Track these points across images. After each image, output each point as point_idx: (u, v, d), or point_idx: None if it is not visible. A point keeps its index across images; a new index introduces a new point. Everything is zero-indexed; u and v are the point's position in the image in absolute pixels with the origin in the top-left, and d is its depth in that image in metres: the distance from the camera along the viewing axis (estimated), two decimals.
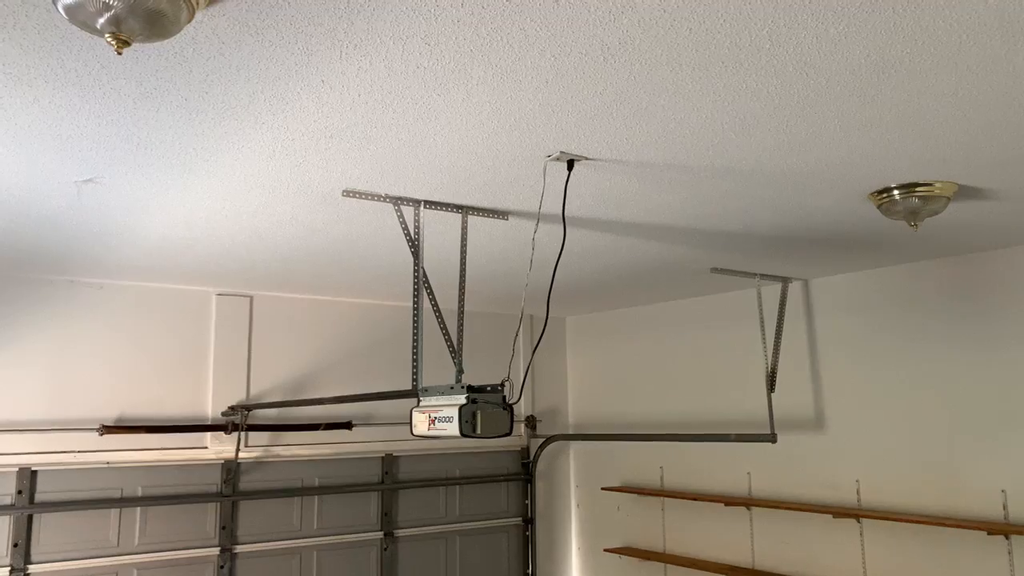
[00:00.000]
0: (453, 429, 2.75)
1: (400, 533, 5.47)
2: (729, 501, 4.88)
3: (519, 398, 2.86)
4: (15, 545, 4.23)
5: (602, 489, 5.90)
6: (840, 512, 4.28)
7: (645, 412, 5.67)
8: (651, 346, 5.74)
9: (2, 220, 3.23)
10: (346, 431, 5.30)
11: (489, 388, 2.81)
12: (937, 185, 2.76)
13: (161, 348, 4.77)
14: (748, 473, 4.93)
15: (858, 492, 4.35)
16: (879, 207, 2.91)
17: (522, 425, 6.13)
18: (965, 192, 2.86)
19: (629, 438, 5.45)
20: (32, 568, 4.26)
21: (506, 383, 2.80)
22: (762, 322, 4.47)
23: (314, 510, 5.19)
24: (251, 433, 4.95)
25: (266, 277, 4.58)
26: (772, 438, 4.25)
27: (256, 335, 5.09)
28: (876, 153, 2.48)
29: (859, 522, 4.29)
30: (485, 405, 2.74)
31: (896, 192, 2.80)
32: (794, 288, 4.72)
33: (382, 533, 5.39)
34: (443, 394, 2.86)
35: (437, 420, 2.83)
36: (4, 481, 4.27)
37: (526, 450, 6.14)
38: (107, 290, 4.63)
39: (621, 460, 5.86)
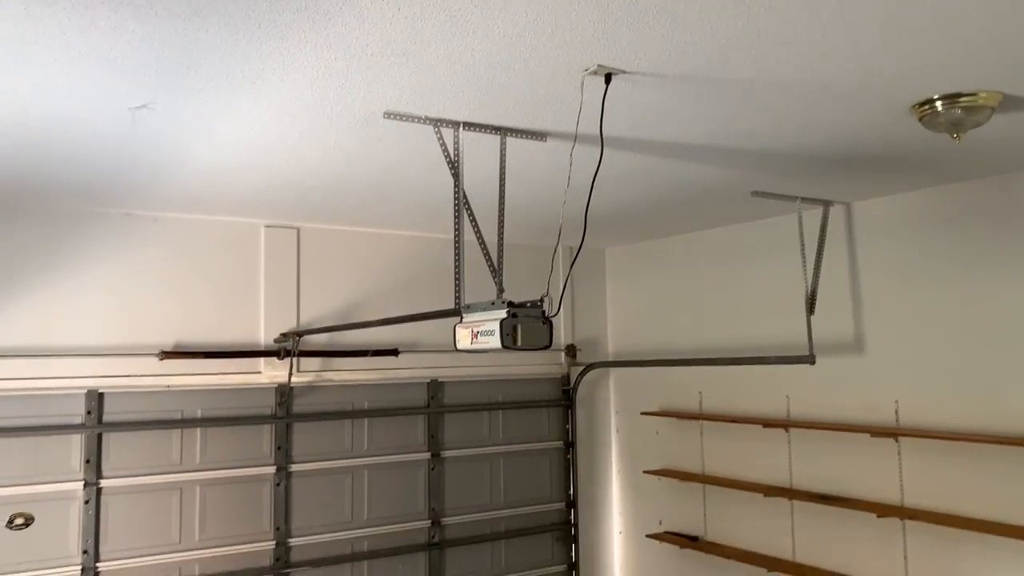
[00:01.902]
0: (495, 342, 2.85)
1: (446, 454, 5.68)
2: (767, 423, 4.96)
3: (558, 311, 2.94)
4: (87, 461, 4.52)
5: (641, 414, 6.02)
6: (878, 431, 4.33)
7: (684, 340, 5.74)
8: (690, 275, 5.77)
9: (62, 151, 3.37)
10: (393, 358, 5.48)
11: (529, 304, 2.91)
12: (981, 95, 2.72)
13: (214, 278, 4.96)
14: (786, 396, 4.99)
15: (896, 413, 4.39)
16: (921, 120, 2.88)
17: (562, 354, 6.25)
18: (1010, 103, 2.81)
19: (668, 363, 5.54)
20: (103, 482, 4.56)
21: (545, 298, 2.89)
22: (802, 246, 4.46)
23: (364, 432, 5.41)
24: (302, 359, 5.15)
25: (312, 208, 4.70)
26: (811, 359, 4.29)
27: (304, 266, 5.24)
28: (918, 62, 2.45)
29: (897, 441, 4.34)
30: (525, 319, 2.83)
31: (939, 103, 2.77)
32: (835, 212, 4.68)
33: (429, 454, 5.61)
34: (484, 310, 2.96)
35: (479, 334, 2.93)
36: (74, 402, 4.54)
37: (566, 377, 6.27)
38: (161, 223, 4.80)
39: (660, 386, 5.96)
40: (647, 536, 5.89)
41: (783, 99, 2.80)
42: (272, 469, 5.05)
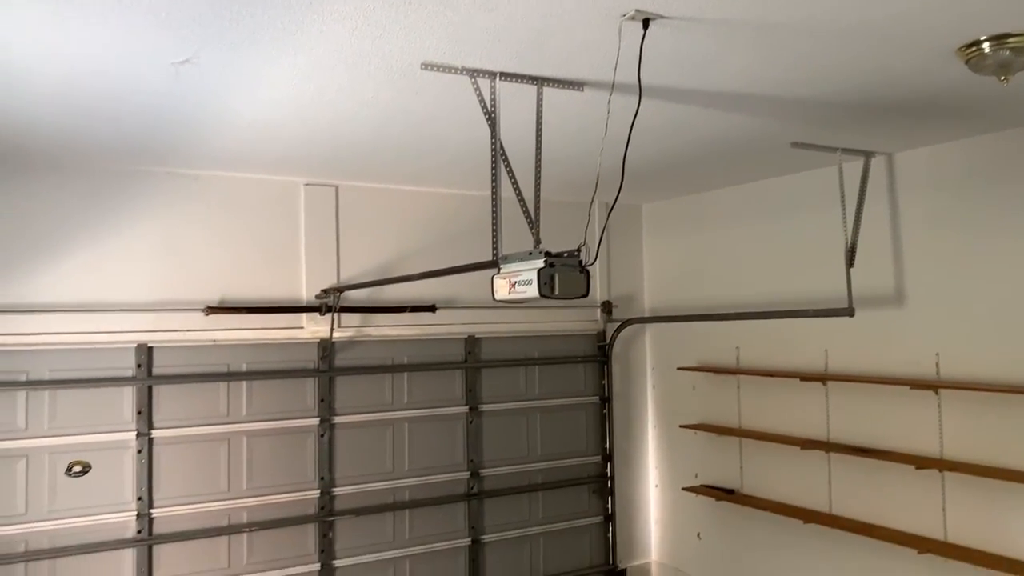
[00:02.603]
0: (532, 291, 2.89)
1: (484, 408, 5.77)
2: (805, 377, 4.96)
3: (595, 259, 2.95)
4: (139, 412, 4.69)
5: (678, 369, 6.05)
6: (918, 384, 4.31)
7: (721, 295, 5.72)
8: (727, 230, 5.74)
9: (107, 111, 3.45)
10: (430, 314, 5.55)
11: (566, 253, 2.93)
12: None
13: (256, 236, 5.05)
14: (825, 350, 4.96)
15: (937, 366, 4.35)
16: (967, 62, 2.81)
17: (598, 310, 6.28)
18: None
19: (705, 318, 5.54)
20: (155, 433, 4.73)
21: (583, 247, 2.91)
22: (843, 198, 4.41)
23: (404, 386, 5.52)
24: (343, 314, 5.24)
25: (350, 165, 4.75)
26: (850, 312, 4.27)
27: (343, 224, 5.32)
28: (965, 2, 2.40)
29: (937, 394, 4.31)
30: (562, 268, 2.86)
31: (986, 45, 2.71)
32: (877, 163, 4.61)
33: (467, 408, 5.71)
34: (522, 260, 2.99)
35: (517, 284, 2.97)
36: (125, 356, 4.69)
37: (602, 334, 6.30)
38: (203, 181, 4.90)
39: (696, 342, 5.96)
40: (683, 489, 5.95)
41: (824, 44, 2.75)
42: (316, 421, 5.18)
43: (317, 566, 5.11)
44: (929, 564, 4.32)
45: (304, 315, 5.16)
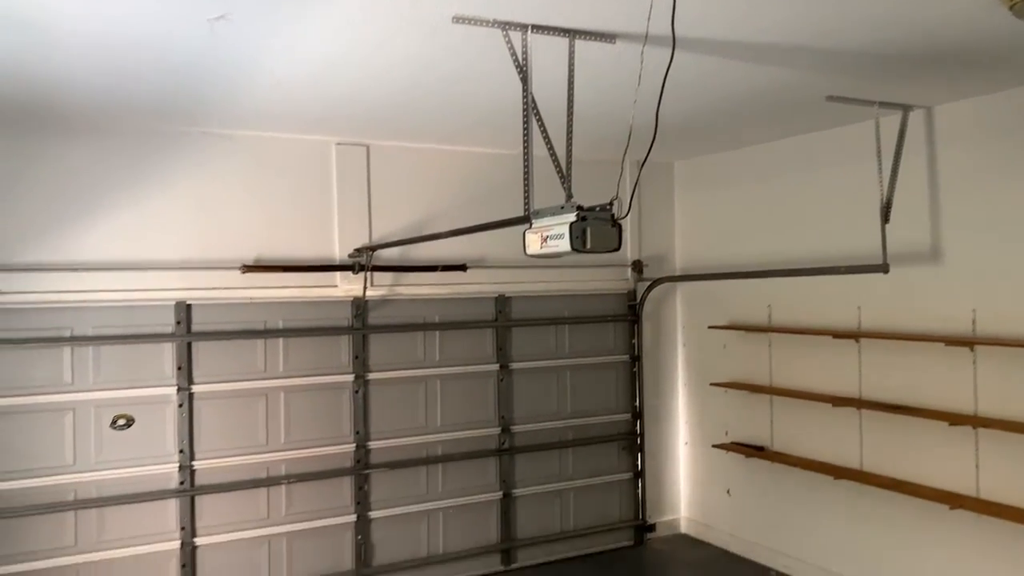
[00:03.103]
0: (564, 245, 2.91)
1: (514, 366, 5.83)
2: (838, 334, 4.93)
3: (627, 213, 2.95)
4: (179, 368, 4.81)
5: (709, 328, 6.04)
6: (953, 341, 4.27)
7: (753, 253, 5.68)
8: (759, 187, 5.68)
9: (142, 69, 3.50)
10: (461, 273, 5.60)
11: (598, 207, 2.94)
12: None
13: (290, 195, 5.11)
14: (858, 307, 4.93)
15: (973, 323, 4.30)
16: (1011, 8, 2.74)
17: (628, 269, 6.27)
18: None
19: (737, 276, 5.51)
20: (195, 388, 4.86)
21: (615, 201, 2.91)
22: (879, 152, 4.34)
23: (436, 344, 5.59)
24: (375, 273, 5.31)
25: (381, 124, 4.77)
26: (884, 268, 4.22)
27: (374, 183, 5.35)
28: None
29: (972, 350, 4.27)
30: (595, 221, 2.87)
31: None
32: (915, 116, 4.51)
33: (498, 366, 5.77)
34: (554, 215, 3.00)
35: (549, 238, 2.99)
36: (165, 313, 4.81)
37: (633, 293, 6.31)
38: (236, 141, 4.95)
39: (728, 300, 5.95)
40: (713, 446, 5.99)
41: None
42: (351, 377, 5.28)
43: (353, 517, 5.25)
44: (961, 520, 4.32)
45: (337, 274, 5.23)
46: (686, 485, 6.48)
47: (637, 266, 6.26)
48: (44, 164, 4.51)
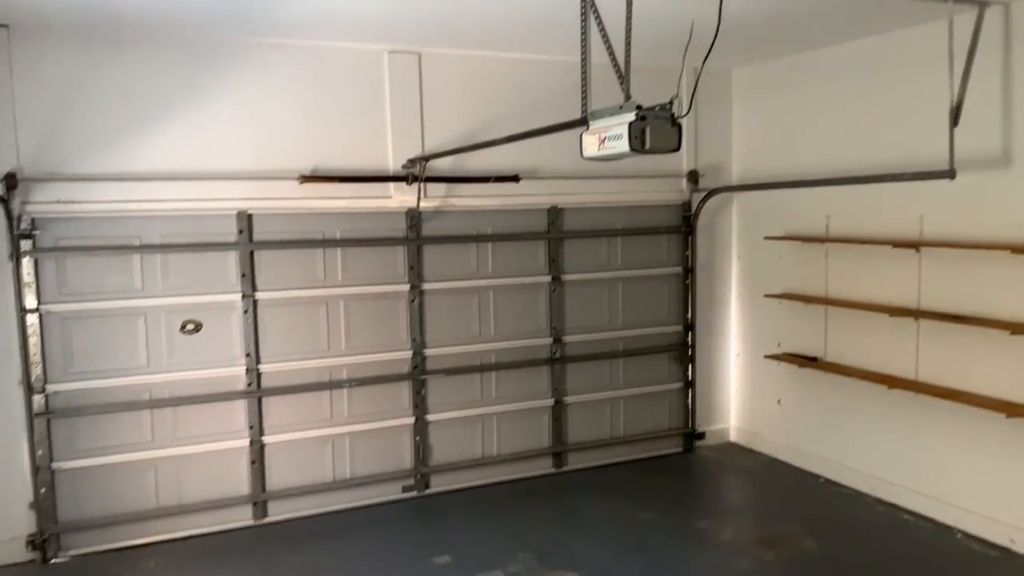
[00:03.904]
0: (622, 146, 2.88)
1: (566, 278, 5.88)
2: (898, 243, 4.84)
3: (687, 112, 2.90)
4: (243, 276, 4.97)
5: (764, 239, 5.98)
6: (1020, 249, 4.16)
7: (812, 162, 5.55)
8: (821, 93, 5.50)
9: None
10: (514, 184, 5.60)
11: (657, 107, 2.90)
12: None
13: (343, 105, 5.13)
14: (920, 216, 4.81)
15: None
16: None
17: (683, 180, 6.20)
18: None
19: (795, 185, 5.40)
20: (258, 295, 5.02)
21: (675, 100, 2.87)
22: (951, 52, 4.14)
23: (488, 255, 5.65)
24: (429, 185, 5.35)
25: (433, 29, 4.71)
26: (950, 174, 4.09)
27: (426, 92, 5.33)
28: None
29: None
30: (654, 121, 2.84)
31: None
32: (992, 13, 4.28)
33: (550, 277, 5.82)
34: (612, 115, 2.97)
35: (607, 139, 2.97)
36: (227, 223, 4.94)
37: (687, 204, 6.24)
38: (290, 51, 4.95)
39: (785, 211, 5.85)
40: (765, 356, 6.01)
41: None
42: (406, 287, 5.40)
43: (411, 420, 5.46)
44: (1018, 428, 4.30)
45: (391, 185, 5.29)
46: (736, 395, 6.54)
47: (692, 176, 6.18)
48: (108, 77, 4.59)
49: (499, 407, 5.73)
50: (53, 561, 4.60)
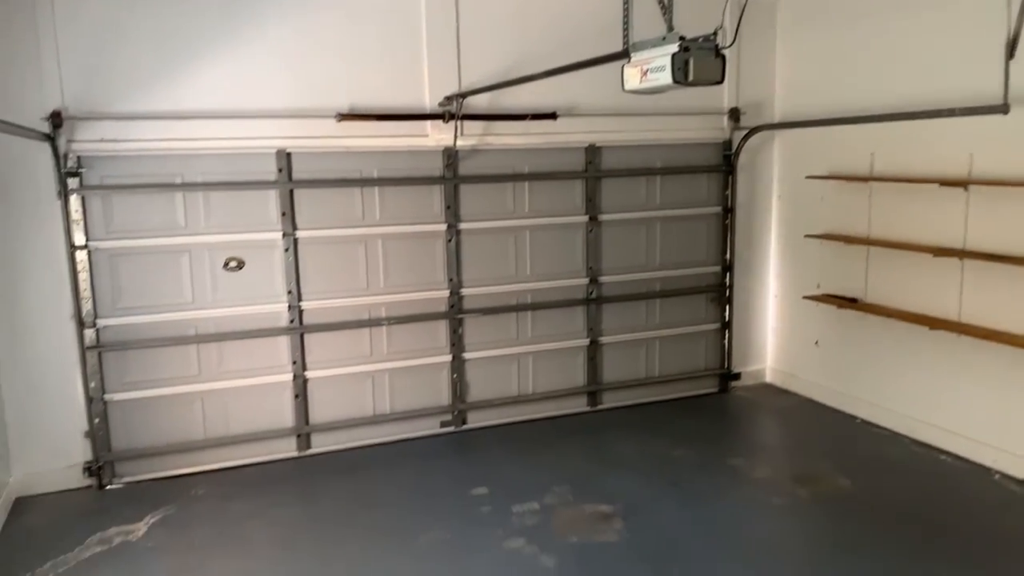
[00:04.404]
0: (665, 78, 2.84)
1: (603, 218, 5.85)
2: (945, 182, 4.72)
3: (732, 42, 2.84)
4: (283, 214, 5.03)
5: (806, 178, 5.87)
6: None
7: (858, 98, 5.39)
8: (868, 26, 5.31)
9: None
10: (551, 122, 5.54)
11: (701, 38, 2.84)
12: None
13: (380, 43, 5.10)
14: (970, 154, 4.68)
15: None
16: None
17: (724, 117, 6.08)
18: None
19: (839, 122, 5.27)
20: (298, 233, 5.08)
21: (719, 30, 2.81)
22: None
23: (525, 195, 5.63)
24: (465, 123, 5.32)
25: None
26: (1004, 109, 3.96)
27: (463, 28, 5.26)
28: None
29: None
30: (698, 52, 2.79)
31: None
32: None
33: (587, 217, 5.80)
34: (655, 47, 2.92)
35: (649, 71, 2.93)
36: (267, 161, 4.98)
37: (728, 143, 6.13)
38: None
39: (828, 149, 5.73)
40: (804, 297, 5.96)
41: None
42: (443, 227, 5.42)
43: (448, 357, 5.54)
44: None
45: (428, 123, 5.27)
46: (773, 336, 6.51)
47: (734, 114, 6.06)
48: (148, 16, 4.61)
49: (535, 346, 5.79)
50: (108, 487, 4.82)
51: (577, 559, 3.84)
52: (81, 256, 4.65)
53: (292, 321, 5.13)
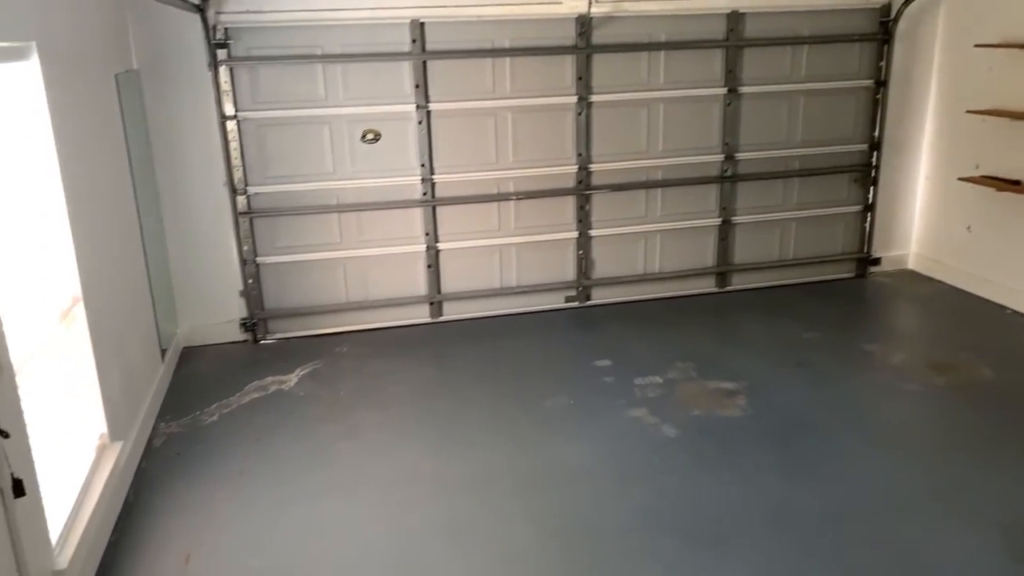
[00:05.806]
0: None
1: (743, 90, 5.57)
2: None
3: None
4: (417, 86, 5.08)
5: (975, 47, 5.32)
6: None
7: None
8: None
9: None
10: None
11: None
12: None
13: None
14: None
15: None
16: None
17: None
18: None
19: None
20: (431, 106, 5.14)
21: None
22: None
23: (660, 65, 5.42)
24: None
25: None
26: None
27: None
28: None
29: None
30: None
31: None
32: None
33: (725, 89, 5.53)
34: None
35: None
36: (401, 31, 5.00)
37: (887, 8, 5.62)
38: None
39: (1003, 12, 5.14)
40: (959, 179, 5.53)
41: None
42: (574, 99, 5.33)
43: (575, 234, 5.57)
44: None
45: None
46: (920, 220, 6.13)
47: None
48: None
49: (663, 224, 5.71)
50: (262, 342, 5.26)
51: (699, 431, 3.92)
52: (231, 126, 4.90)
53: (425, 194, 5.27)
